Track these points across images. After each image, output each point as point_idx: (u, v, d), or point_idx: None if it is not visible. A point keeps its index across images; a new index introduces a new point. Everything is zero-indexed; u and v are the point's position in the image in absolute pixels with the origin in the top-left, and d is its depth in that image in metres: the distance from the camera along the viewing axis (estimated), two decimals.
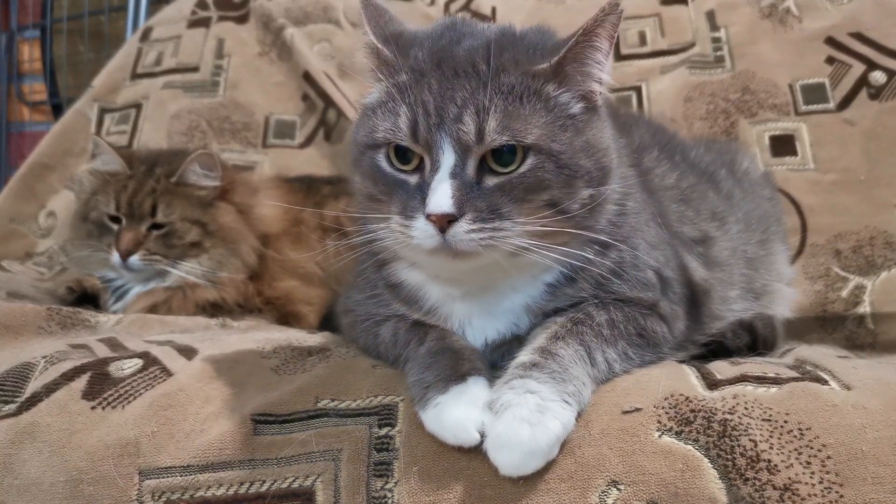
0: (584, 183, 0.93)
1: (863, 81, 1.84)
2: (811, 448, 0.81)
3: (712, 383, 0.93)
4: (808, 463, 0.80)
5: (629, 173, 1.07)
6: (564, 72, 0.94)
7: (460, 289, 1.01)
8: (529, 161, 0.90)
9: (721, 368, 1.00)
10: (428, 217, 0.87)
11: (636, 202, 1.07)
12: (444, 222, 0.86)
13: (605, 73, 0.95)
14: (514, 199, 0.89)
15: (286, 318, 1.72)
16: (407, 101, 0.91)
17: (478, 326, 1.02)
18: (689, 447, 0.83)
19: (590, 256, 0.96)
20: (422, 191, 0.89)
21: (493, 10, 2.29)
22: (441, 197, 0.86)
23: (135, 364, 1.07)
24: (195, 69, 2.30)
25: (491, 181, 0.89)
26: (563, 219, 0.91)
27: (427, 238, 0.87)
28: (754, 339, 1.23)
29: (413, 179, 0.92)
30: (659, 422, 0.86)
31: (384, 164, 0.94)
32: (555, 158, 0.90)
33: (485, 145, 0.89)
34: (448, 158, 0.89)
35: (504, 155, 0.89)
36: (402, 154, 0.92)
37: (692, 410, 0.86)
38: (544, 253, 0.90)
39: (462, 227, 0.86)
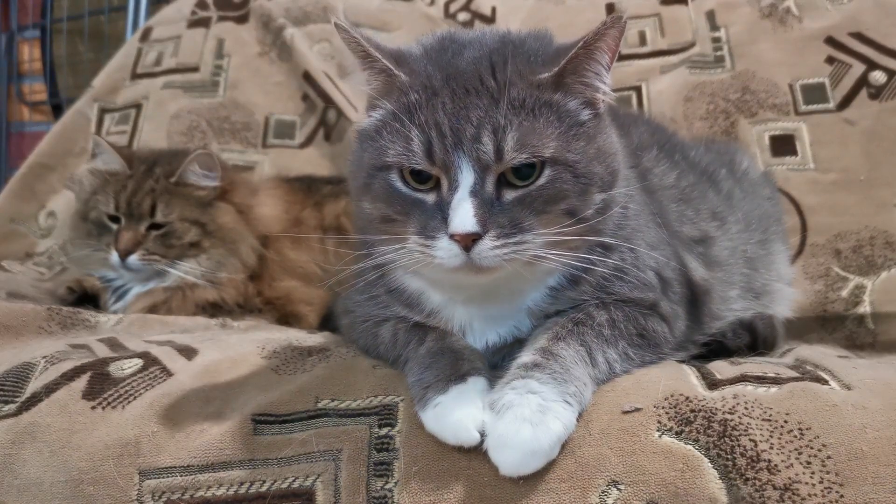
0: (598, 188, 0.94)
1: (863, 81, 1.85)
2: (811, 448, 0.81)
3: (712, 383, 0.93)
4: (809, 463, 0.80)
5: (630, 175, 1.08)
6: (565, 82, 0.94)
7: (462, 294, 1.01)
8: (547, 173, 0.90)
9: (721, 368, 1.00)
10: (452, 237, 0.86)
11: (636, 203, 1.07)
12: (468, 241, 0.86)
13: (605, 84, 0.96)
14: (534, 212, 0.89)
15: (286, 318, 1.72)
16: (417, 123, 0.90)
17: (479, 330, 1.02)
18: (690, 447, 0.83)
19: (597, 259, 0.96)
20: (441, 210, 0.89)
21: (493, 9, 2.29)
22: (464, 216, 0.86)
23: (135, 364, 1.07)
24: (195, 69, 2.30)
25: (510, 195, 0.90)
26: (579, 226, 0.92)
27: (451, 257, 0.87)
28: (754, 338, 1.23)
29: (430, 198, 0.91)
30: (659, 422, 0.86)
31: (399, 184, 0.92)
32: (571, 168, 0.91)
33: (504, 164, 0.88)
34: (467, 178, 0.88)
35: (522, 169, 0.89)
36: (416, 174, 0.91)
37: (692, 410, 0.86)
38: (559, 260, 0.91)
39: (487, 245, 0.86)
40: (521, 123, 0.89)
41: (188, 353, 1.12)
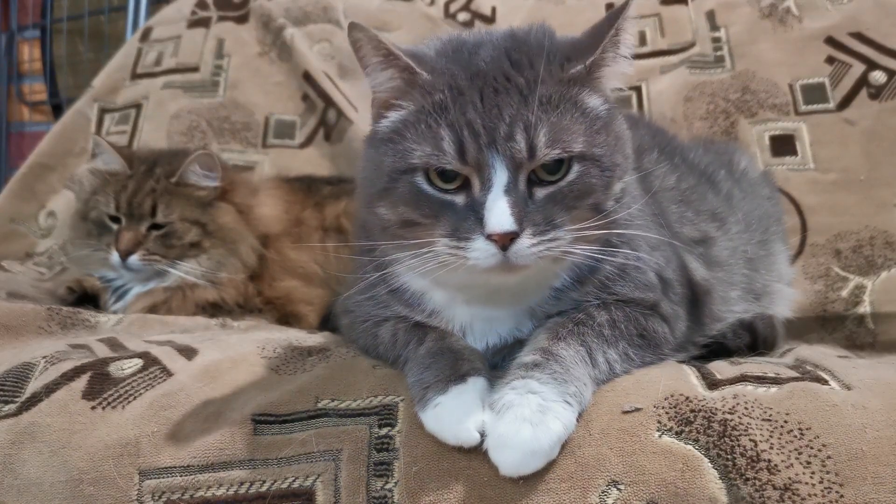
0: (617, 178, 0.95)
1: (863, 81, 1.85)
2: (811, 448, 0.81)
3: (712, 383, 0.93)
4: (809, 463, 0.80)
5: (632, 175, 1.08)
6: (599, 73, 0.94)
7: (466, 294, 1.01)
8: (576, 169, 0.91)
9: (721, 368, 1.00)
10: (489, 237, 0.86)
11: (638, 203, 1.07)
12: (506, 240, 0.86)
13: (631, 68, 0.97)
14: (566, 207, 0.90)
15: (286, 318, 1.72)
16: (447, 122, 0.89)
17: (479, 330, 1.02)
18: (690, 447, 0.83)
19: (611, 249, 0.97)
20: (474, 210, 0.88)
21: (493, 9, 2.30)
22: (501, 216, 0.86)
23: (135, 364, 1.07)
24: (195, 69, 2.30)
25: (541, 192, 0.90)
26: (603, 221, 0.92)
27: (487, 257, 0.87)
28: (755, 338, 1.24)
29: (460, 199, 0.90)
30: (659, 422, 0.86)
31: (425, 186, 0.91)
32: (598, 163, 0.92)
33: (536, 161, 0.88)
34: (501, 177, 0.88)
35: (550, 165, 0.90)
36: (442, 174, 0.90)
37: (692, 410, 0.86)
38: (584, 253, 0.92)
39: (524, 243, 0.86)
40: (551, 120, 0.89)
41: (188, 353, 1.12)
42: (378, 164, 0.95)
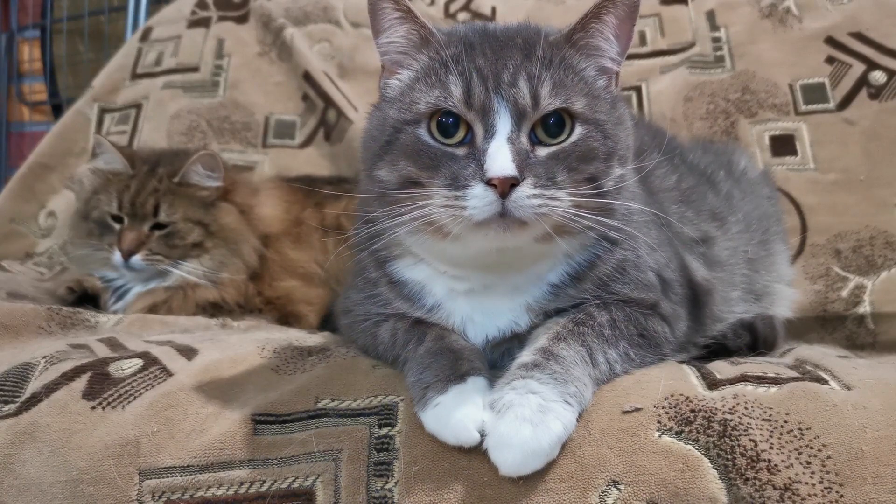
0: (618, 160, 0.96)
1: (863, 81, 1.85)
2: (811, 448, 0.81)
3: (712, 383, 0.93)
4: (809, 463, 0.80)
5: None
6: (575, 39, 0.97)
7: (465, 284, 1.01)
8: (579, 130, 0.93)
9: (721, 368, 1.00)
10: (489, 182, 0.86)
11: (638, 202, 1.08)
12: (506, 186, 0.86)
13: (613, 52, 0.99)
14: (567, 169, 0.91)
15: (286, 318, 1.72)
16: (457, 70, 0.92)
17: (479, 323, 1.02)
18: (690, 447, 0.83)
19: (613, 235, 0.97)
20: (476, 158, 0.89)
21: (493, 10, 2.30)
22: (503, 160, 0.86)
23: (135, 364, 1.07)
24: (195, 69, 2.31)
25: (543, 151, 0.91)
26: (600, 191, 0.93)
27: (485, 206, 0.86)
28: (755, 338, 1.24)
29: (461, 151, 0.91)
30: (659, 422, 0.86)
31: (427, 138, 0.93)
32: (601, 128, 0.94)
33: (540, 110, 0.91)
34: (504, 124, 0.90)
35: (552, 127, 0.92)
36: (444, 129, 0.92)
37: (692, 410, 0.86)
38: (583, 222, 0.91)
39: (524, 191, 0.87)
40: (552, 76, 0.92)
41: (188, 353, 1.13)
42: (383, 121, 0.98)
